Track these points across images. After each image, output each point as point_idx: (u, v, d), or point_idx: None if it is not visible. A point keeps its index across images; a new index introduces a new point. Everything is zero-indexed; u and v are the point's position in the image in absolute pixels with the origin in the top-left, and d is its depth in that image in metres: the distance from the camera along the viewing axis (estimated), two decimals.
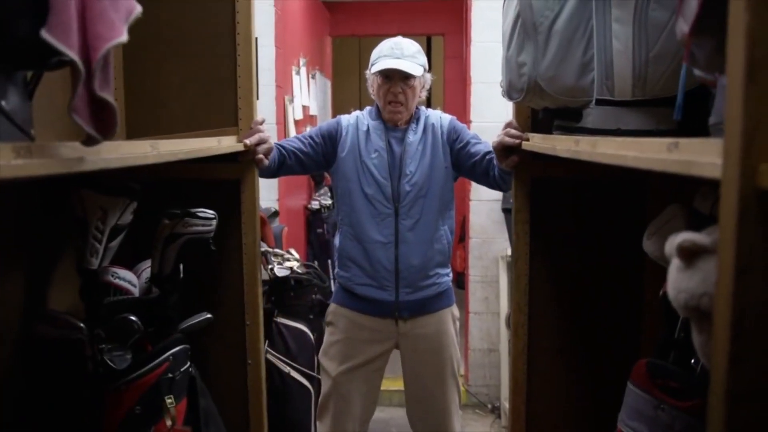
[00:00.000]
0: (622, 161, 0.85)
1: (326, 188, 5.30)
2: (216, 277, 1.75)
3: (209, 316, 1.51)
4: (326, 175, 5.45)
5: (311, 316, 3.14)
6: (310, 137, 2.27)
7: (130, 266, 1.59)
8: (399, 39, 2.26)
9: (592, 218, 1.72)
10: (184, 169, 1.43)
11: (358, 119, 2.31)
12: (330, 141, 2.26)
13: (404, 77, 2.19)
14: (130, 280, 1.47)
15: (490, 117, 3.73)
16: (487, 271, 3.89)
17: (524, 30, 1.36)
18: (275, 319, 3.18)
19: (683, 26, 0.84)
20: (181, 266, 1.52)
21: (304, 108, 4.66)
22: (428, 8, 6.24)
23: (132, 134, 1.75)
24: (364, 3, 6.29)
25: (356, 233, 2.22)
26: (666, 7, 1.25)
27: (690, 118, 1.41)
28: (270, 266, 3.17)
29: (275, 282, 3.17)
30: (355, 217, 2.22)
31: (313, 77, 5.26)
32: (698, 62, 0.88)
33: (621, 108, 1.34)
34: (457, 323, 2.39)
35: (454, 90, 5.96)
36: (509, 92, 1.47)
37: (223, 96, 1.72)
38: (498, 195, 3.76)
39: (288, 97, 4.11)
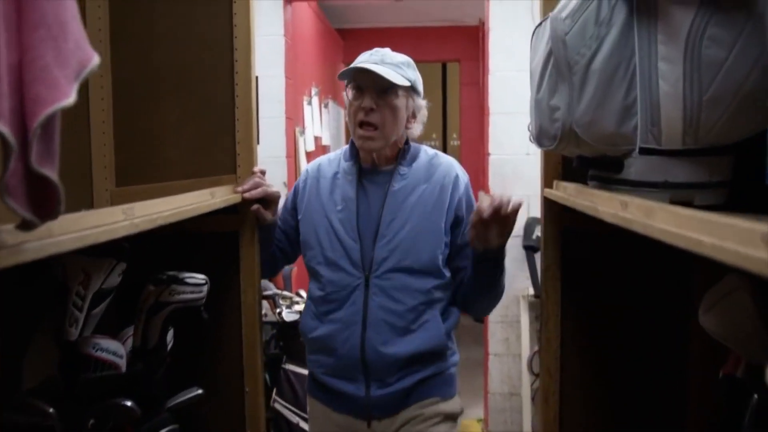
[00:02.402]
0: (695, 247, 0.67)
1: None
2: (212, 339, 1.58)
3: (200, 391, 1.34)
4: None
5: None
6: (281, 218, 1.76)
7: (116, 330, 1.43)
8: (382, 48, 1.69)
9: (631, 276, 1.53)
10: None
11: (321, 165, 1.75)
12: (294, 209, 1.76)
13: (381, 89, 1.59)
14: (115, 350, 1.31)
15: (510, 149, 3.57)
16: (507, 310, 3.69)
17: (557, 70, 1.19)
18: (283, 365, 3.01)
19: None
20: (171, 332, 1.36)
21: (316, 139, 4.52)
22: (443, 34, 6.12)
23: (122, 181, 1.60)
24: (378, 30, 6.19)
25: (317, 308, 1.67)
26: (723, 44, 1.08)
27: (743, 166, 1.25)
28: (278, 310, 3.00)
29: (283, 326, 3.01)
30: (316, 289, 1.67)
31: (326, 106, 5.13)
32: None
33: (669, 158, 1.17)
34: (457, 426, 1.72)
35: (470, 118, 5.81)
36: (539, 139, 1.30)
37: (221, 141, 1.56)
38: (518, 230, 3.57)
39: (299, 128, 3.98)
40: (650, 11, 1.13)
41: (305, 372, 2.99)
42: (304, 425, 2.91)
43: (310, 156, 4.31)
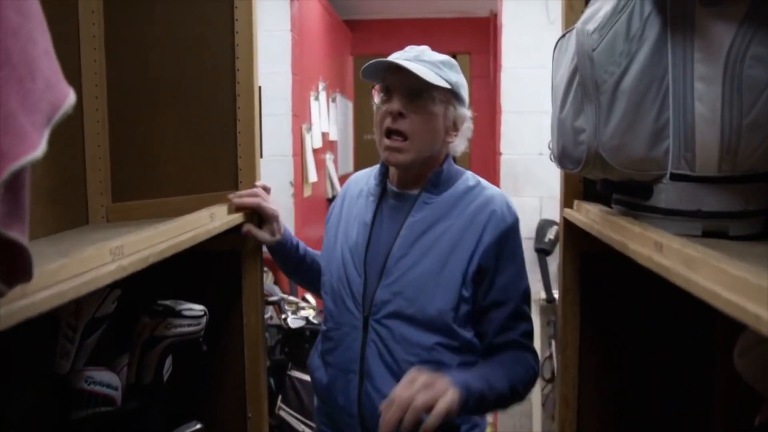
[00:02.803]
0: (753, 323, 0.58)
1: None
2: (213, 364, 1.51)
3: (199, 426, 1.27)
4: None
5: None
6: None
7: (112, 357, 1.36)
8: (419, 46, 1.43)
9: (655, 303, 1.44)
10: None
11: (355, 180, 1.57)
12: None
13: (413, 91, 1.33)
14: (110, 382, 1.23)
15: (522, 149, 3.48)
16: None
17: (583, 89, 1.10)
18: (289, 372, 2.94)
19: None
20: (169, 359, 1.28)
21: (324, 135, 4.43)
22: (453, 25, 6.00)
23: (119, 196, 1.52)
24: (387, 21, 6.07)
25: (322, 345, 1.45)
26: (767, 64, 0.99)
27: None
28: (283, 315, 2.93)
29: (289, 333, 2.94)
30: (323, 322, 1.46)
31: (333, 100, 5.04)
32: None
33: (702, 185, 1.08)
34: None
35: (481, 112, 5.68)
36: (562, 161, 1.21)
37: (222, 155, 1.48)
38: (530, 232, 3.49)
39: (305, 125, 3.89)
40: (686, 26, 1.03)
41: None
42: None
43: (317, 152, 4.23)
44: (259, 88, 1.49)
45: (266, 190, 1.49)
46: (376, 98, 1.41)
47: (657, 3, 1.05)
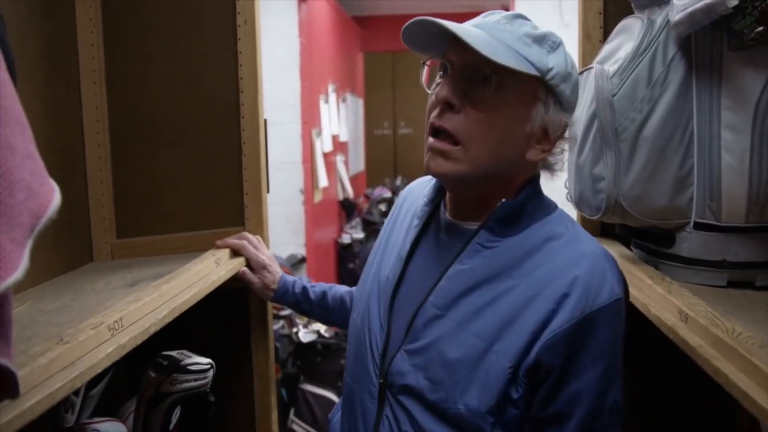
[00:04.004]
0: None
1: (358, 219, 5.02)
2: (222, 402, 1.47)
3: None
4: (356, 203, 5.16)
5: (339, 383, 2.87)
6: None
7: (119, 406, 1.33)
8: (508, 12, 0.98)
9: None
10: None
11: (415, 188, 1.17)
12: None
13: (476, 74, 0.90)
14: None
15: None
16: None
17: (603, 135, 1.05)
18: (300, 386, 2.92)
19: None
20: (176, 411, 1.25)
21: (334, 137, 4.38)
22: (465, 21, 5.91)
23: (123, 233, 1.49)
24: (397, 16, 5.99)
25: (343, 391, 1.10)
26: None
27: None
28: (295, 329, 2.91)
29: (300, 347, 2.91)
30: (343, 384, 1.11)
31: (344, 100, 4.99)
32: None
33: (729, 234, 1.03)
34: None
35: None
36: (580, 206, 1.16)
37: (228, 192, 1.44)
38: None
39: (315, 130, 3.84)
40: (713, 71, 0.98)
41: (323, 393, 2.91)
42: None
43: (327, 156, 4.18)
44: (265, 121, 1.44)
45: (259, 241, 1.41)
46: (425, 78, 1.02)
47: (682, 46, 0.99)
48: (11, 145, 0.55)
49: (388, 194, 5.58)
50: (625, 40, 1.09)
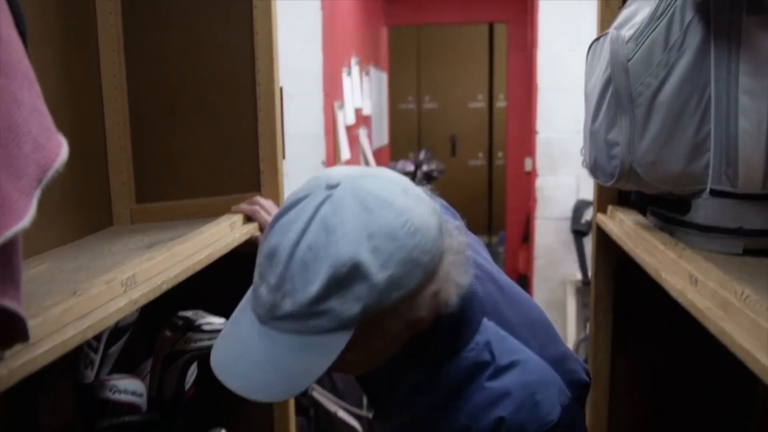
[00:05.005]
0: None
1: None
2: None
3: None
4: None
5: None
6: None
7: (137, 365, 1.36)
8: (303, 227, 0.74)
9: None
10: None
11: None
12: None
13: None
14: (135, 390, 1.24)
15: (560, 127, 3.37)
16: (553, 294, 3.55)
17: (617, 101, 1.03)
18: None
19: None
20: (192, 369, 1.28)
21: (357, 111, 4.37)
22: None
23: (142, 198, 1.51)
24: None
25: None
26: None
27: None
28: None
29: None
30: None
31: (367, 74, 4.96)
32: None
33: (745, 202, 1.01)
34: None
35: (517, 82, 5.55)
36: (594, 173, 1.15)
37: (244, 158, 1.45)
38: (567, 213, 3.41)
39: (338, 102, 3.84)
40: (732, 35, 0.96)
41: None
42: (342, 415, 2.87)
43: (350, 129, 4.18)
44: (281, 89, 1.44)
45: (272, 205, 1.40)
46: None
47: (699, 10, 0.97)
48: (18, 99, 0.56)
49: (411, 167, 5.58)
50: (643, 5, 1.06)
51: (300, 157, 3.21)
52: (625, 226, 1.19)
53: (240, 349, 0.77)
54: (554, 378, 0.87)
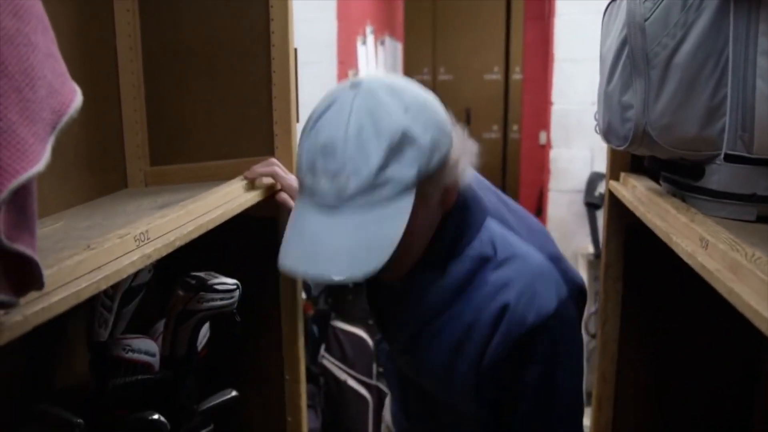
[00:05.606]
0: None
1: None
2: (249, 329, 1.52)
3: (234, 393, 1.29)
4: None
5: (371, 321, 2.92)
6: None
7: (150, 325, 1.38)
8: (343, 118, 0.84)
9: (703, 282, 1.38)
10: None
11: None
12: None
13: None
14: (147, 349, 1.26)
15: (575, 98, 3.33)
16: None
17: (632, 62, 1.02)
18: (332, 322, 2.99)
19: None
20: (206, 326, 1.30)
21: None
22: None
23: (157, 161, 1.52)
24: None
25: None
26: None
27: None
28: None
29: (332, 285, 2.96)
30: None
31: (382, 43, 4.92)
32: None
33: (760, 167, 1.00)
34: None
35: (534, 54, 5.48)
36: (608, 136, 1.14)
37: (258, 121, 1.45)
38: (581, 185, 3.39)
39: (352, 71, 3.82)
40: None
41: (353, 330, 2.97)
42: (352, 383, 2.90)
43: None
44: (295, 50, 1.44)
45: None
46: None
47: None
48: (32, 42, 0.56)
49: None
50: None
51: None
52: (637, 192, 1.19)
53: (316, 244, 0.84)
54: (552, 272, 0.95)
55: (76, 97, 0.61)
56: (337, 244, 0.82)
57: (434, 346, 1.00)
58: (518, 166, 6.17)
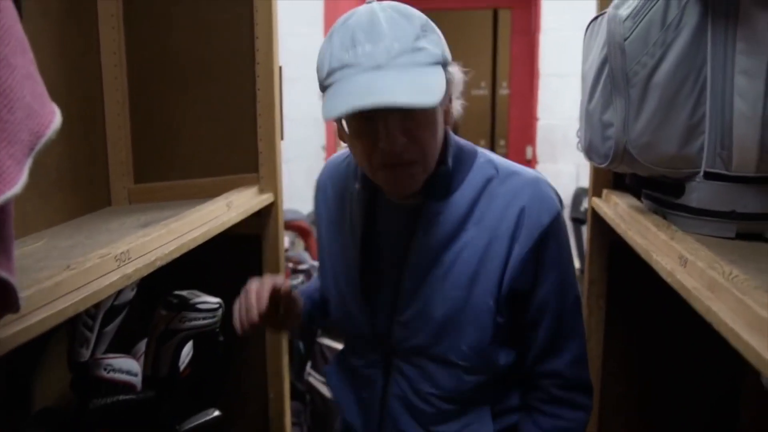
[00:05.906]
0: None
1: None
2: (233, 346, 1.51)
3: (218, 413, 1.28)
4: None
5: None
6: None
7: (133, 344, 1.37)
8: (372, 10, 0.91)
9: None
10: None
11: (329, 175, 1.17)
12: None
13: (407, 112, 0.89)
14: (129, 369, 1.25)
15: (561, 114, 3.36)
16: None
17: (613, 81, 1.03)
18: (318, 339, 2.97)
19: None
20: (188, 349, 1.29)
21: None
22: None
23: (141, 178, 1.52)
24: None
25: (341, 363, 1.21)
26: None
27: None
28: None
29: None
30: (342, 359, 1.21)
31: None
32: None
33: (738, 185, 1.01)
34: None
35: (521, 69, 5.52)
36: (589, 154, 1.15)
37: (242, 138, 1.45)
38: (566, 200, 3.40)
39: None
40: (729, 14, 0.95)
41: (339, 346, 2.95)
42: None
43: None
44: (280, 68, 1.44)
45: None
46: (348, 127, 0.94)
47: None
48: (11, 63, 0.56)
49: None
50: None
51: (301, 141, 3.20)
52: (619, 209, 1.19)
53: (371, 86, 0.86)
54: (546, 179, 1.05)
55: (55, 119, 0.61)
56: (393, 85, 0.86)
57: (452, 275, 1.00)
58: None
